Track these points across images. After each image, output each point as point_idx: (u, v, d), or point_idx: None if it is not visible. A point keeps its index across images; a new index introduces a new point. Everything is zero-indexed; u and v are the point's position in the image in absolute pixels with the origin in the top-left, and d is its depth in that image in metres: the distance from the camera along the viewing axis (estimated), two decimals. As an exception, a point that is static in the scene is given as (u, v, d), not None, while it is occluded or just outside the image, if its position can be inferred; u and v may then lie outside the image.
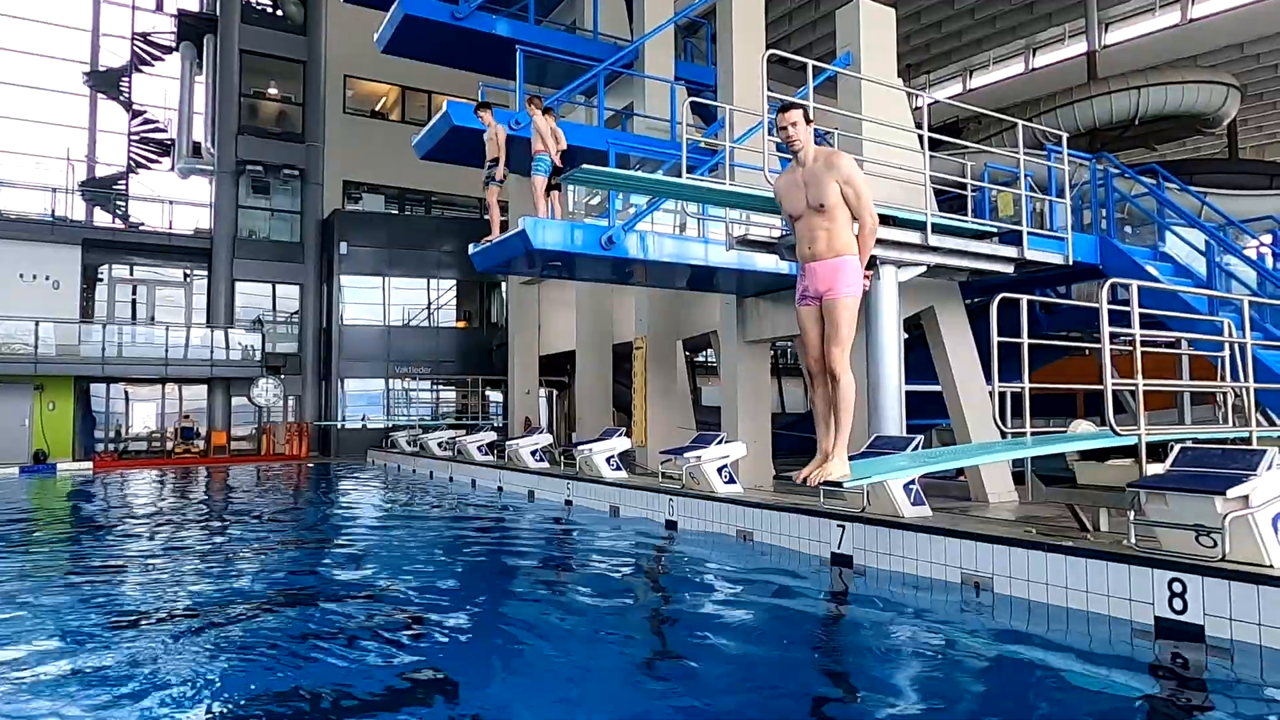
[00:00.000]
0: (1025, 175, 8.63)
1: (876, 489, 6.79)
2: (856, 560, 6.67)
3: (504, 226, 10.37)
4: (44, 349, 21.03)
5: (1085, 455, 6.23)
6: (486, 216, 12.17)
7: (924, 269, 8.28)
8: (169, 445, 23.54)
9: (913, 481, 6.75)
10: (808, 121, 4.56)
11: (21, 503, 13.70)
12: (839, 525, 6.89)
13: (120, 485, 16.35)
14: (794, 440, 14.56)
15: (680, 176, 7.53)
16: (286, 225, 25.81)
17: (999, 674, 4.33)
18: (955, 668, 4.42)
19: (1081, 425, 6.65)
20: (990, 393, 8.15)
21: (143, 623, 5.30)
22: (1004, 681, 4.21)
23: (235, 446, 24.10)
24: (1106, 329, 5.58)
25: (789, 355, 25.59)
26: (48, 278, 22.01)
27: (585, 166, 7.44)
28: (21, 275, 21.66)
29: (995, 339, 5.72)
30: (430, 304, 25.90)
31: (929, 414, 11.77)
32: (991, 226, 8.56)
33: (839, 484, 4.63)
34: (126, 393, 24.34)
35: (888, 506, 6.73)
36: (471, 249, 10.35)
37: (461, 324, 26.38)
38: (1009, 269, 8.74)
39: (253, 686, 4.06)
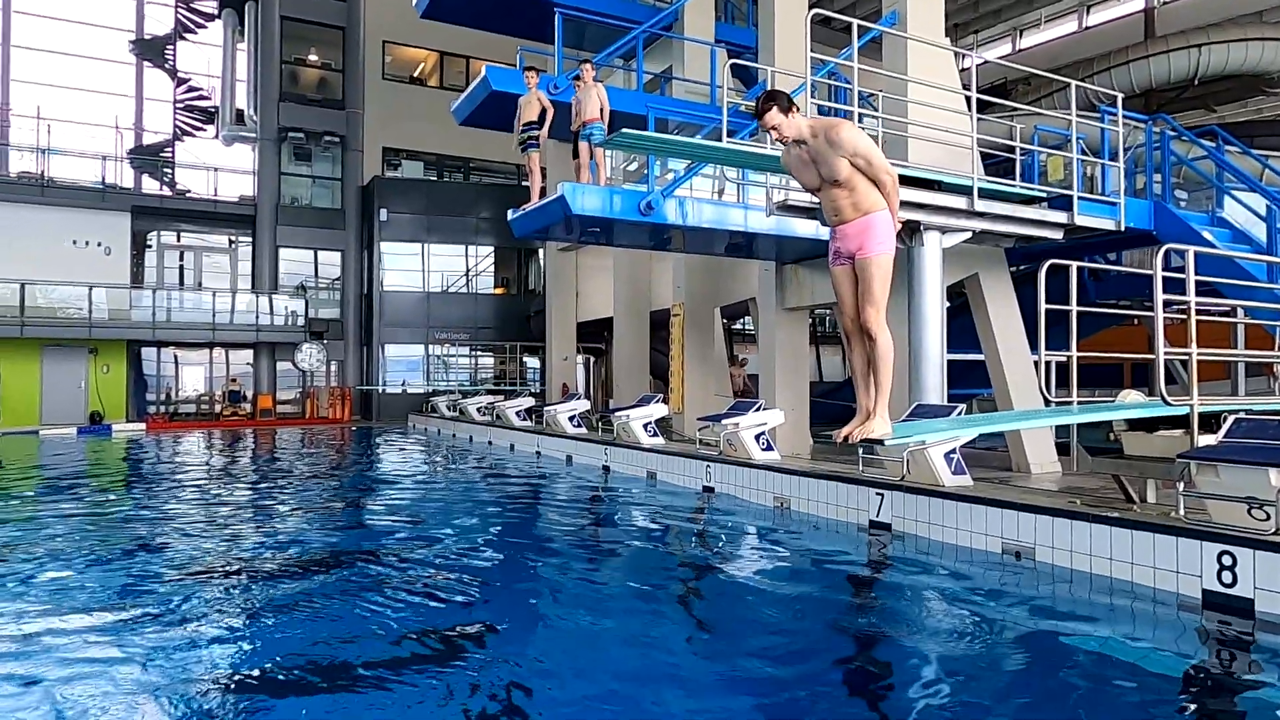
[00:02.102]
0: (1077, 138, 8.36)
1: (916, 457, 6.73)
2: (895, 528, 6.64)
3: (543, 193, 10.38)
4: (97, 314, 21.66)
5: (1133, 426, 6.10)
6: (524, 183, 12.18)
7: (969, 235, 8.10)
8: (217, 408, 24.19)
9: (954, 450, 6.68)
10: (788, 109, 4.26)
11: (82, 461, 14.22)
12: (878, 493, 6.86)
13: (173, 446, 16.87)
14: (832, 408, 14.47)
15: (720, 141, 7.44)
16: (328, 192, 26.09)
17: (1037, 644, 4.30)
18: (993, 637, 4.40)
19: (1131, 395, 6.50)
20: (1035, 362, 8.01)
21: (198, 575, 5.49)
22: (1043, 651, 4.19)
23: (280, 410, 24.68)
24: (1160, 296, 5.43)
25: (827, 323, 25.35)
26: (99, 244, 22.58)
27: (625, 131, 7.38)
28: (75, 242, 22.24)
29: (1043, 306, 5.60)
30: (468, 270, 26.08)
31: (970, 383, 11.61)
32: (1040, 191, 8.33)
33: (880, 442, 4.58)
34: (176, 357, 25.00)
35: (927, 475, 6.68)
36: (510, 214, 10.37)
37: (499, 290, 26.54)
38: (1057, 235, 8.52)
39: (300, 637, 4.20)
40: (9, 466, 13.51)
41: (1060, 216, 8.26)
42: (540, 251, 25.11)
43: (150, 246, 24.93)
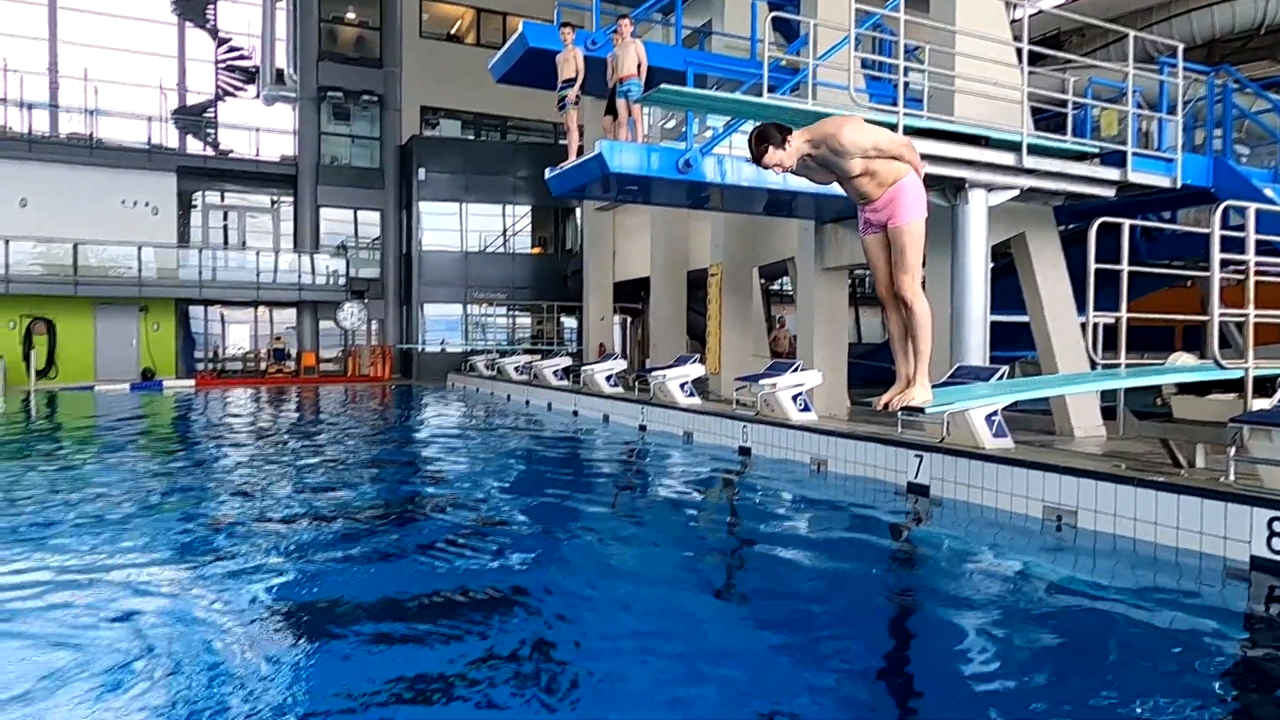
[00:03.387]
0: (1134, 91, 8.05)
1: (957, 419, 6.66)
2: (933, 490, 6.60)
3: (581, 151, 10.30)
4: (146, 273, 22.19)
5: (1183, 389, 5.95)
6: (562, 141, 12.10)
7: (1016, 192, 7.89)
8: (262, 365, 24.75)
9: (995, 413, 6.59)
10: (782, 141, 3.95)
11: (137, 416, 14.69)
12: (916, 455, 6.81)
13: (222, 402, 17.34)
14: (870, 370, 14.32)
15: (760, 96, 7.29)
16: (366, 152, 26.21)
17: (1077, 608, 4.26)
18: (1032, 601, 4.37)
19: (1182, 358, 6.34)
20: (1082, 324, 7.83)
21: (251, 524, 5.68)
22: (1082, 616, 4.15)
23: (323, 368, 25.18)
24: (1217, 256, 5.25)
25: (867, 284, 24.96)
26: (147, 204, 23.03)
27: (664, 86, 7.27)
28: (123, 202, 22.71)
29: (1093, 265, 5.45)
30: (506, 230, 26.13)
31: (1014, 345, 11.39)
32: (1092, 147, 8.06)
33: (921, 409, 4.52)
34: (222, 315, 25.56)
35: (968, 437, 6.60)
36: (548, 173, 10.33)
37: (536, 250, 26.58)
38: (1109, 192, 8.26)
39: (349, 584, 4.33)
40: (71, 420, 14.02)
41: (1113, 173, 7.99)
42: (577, 211, 25.03)
43: (195, 206, 25.36)
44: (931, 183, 7.86)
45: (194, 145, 26.47)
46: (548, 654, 3.43)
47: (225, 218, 26.16)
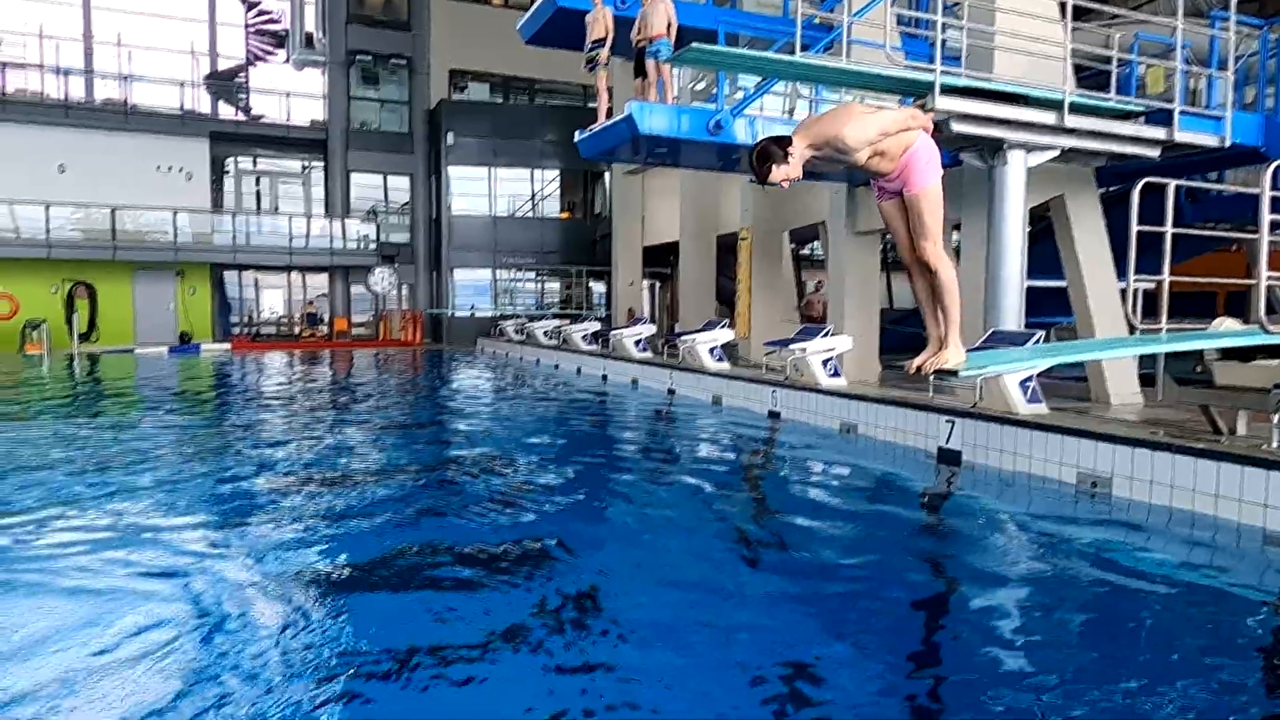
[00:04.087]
0: (1182, 47, 7.76)
1: (990, 385, 6.58)
2: (965, 456, 6.55)
3: (610, 113, 10.19)
4: (182, 238, 22.52)
5: (1226, 355, 5.81)
6: (591, 104, 11.99)
7: (1057, 153, 7.68)
8: (296, 330, 25.09)
9: (1030, 378, 6.49)
10: (784, 156, 3.69)
11: (176, 379, 15.01)
12: (948, 420, 6.75)
13: (257, 365, 17.65)
14: (902, 335, 14.18)
15: (793, 55, 7.15)
16: (396, 116, 26.19)
17: (1112, 575, 4.22)
18: (1064, 567, 4.34)
19: (1226, 322, 6.17)
20: (1123, 289, 7.65)
21: (289, 484, 5.80)
22: (1116, 583, 4.12)
23: (355, 333, 25.47)
24: (1267, 216, 5.08)
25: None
26: (181, 169, 23.27)
27: (694, 45, 7.15)
28: (158, 167, 22.97)
29: (1135, 227, 5.31)
30: (534, 195, 26.06)
31: (1049, 311, 11.18)
32: (1137, 105, 7.81)
33: (954, 373, 4.43)
34: (256, 280, 25.90)
35: (1001, 403, 6.53)
36: (578, 135, 10.25)
37: (565, 215, 26.50)
38: (1154, 153, 8.01)
39: (385, 543, 4.42)
40: (113, 381, 14.36)
41: (1158, 133, 7.74)
42: (606, 175, 24.87)
43: (228, 172, 25.59)
44: (968, 143, 7.68)
45: (226, 111, 26.61)
46: (582, 610, 3.48)
47: (257, 183, 26.38)
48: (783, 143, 3.69)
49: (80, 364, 17.68)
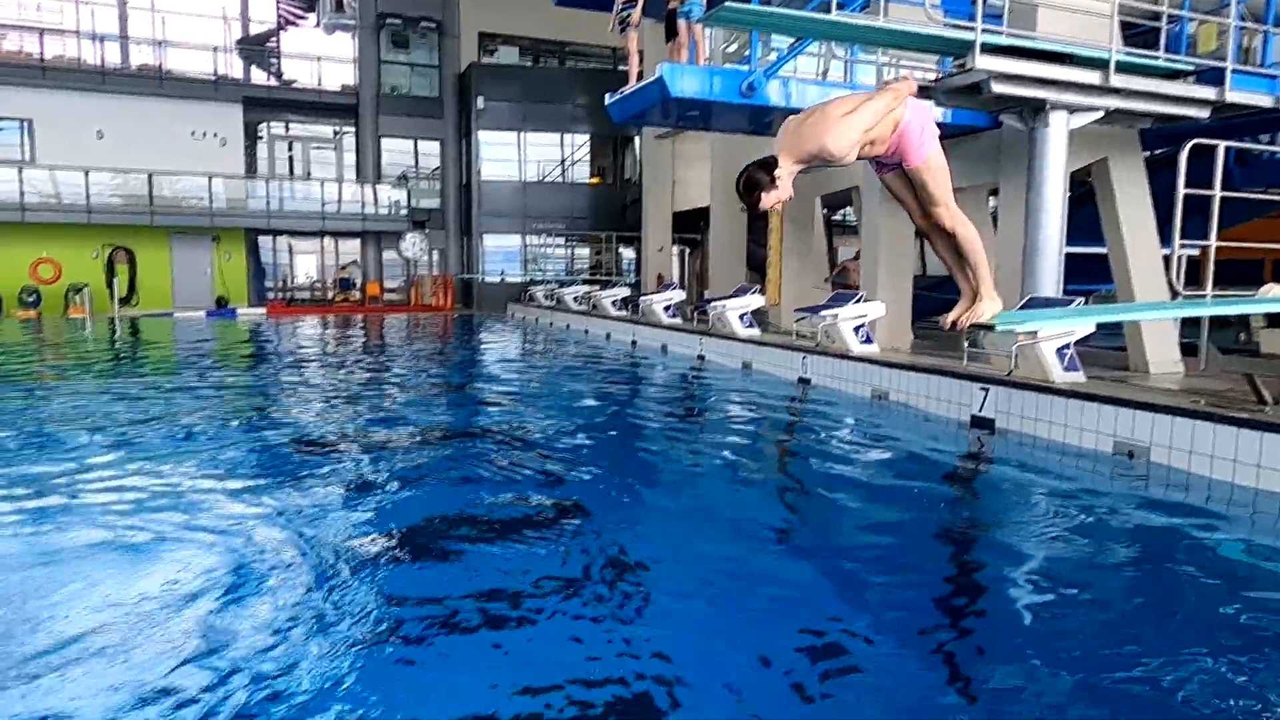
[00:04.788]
0: (1237, 2, 7.45)
1: (1026, 353, 6.48)
2: (999, 424, 6.47)
3: (641, 76, 10.07)
4: (217, 203, 22.78)
5: (1273, 323, 5.65)
6: (622, 67, 11.85)
7: (1101, 114, 7.45)
8: (329, 295, 25.37)
9: (1067, 346, 6.38)
10: (772, 179, 3.47)
11: (214, 342, 15.29)
12: (981, 388, 6.66)
13: (292, 329, 17.90)
14: (935, 302, 13.98)
15: (829, 14, 6.98)
16: (426, 81, 26.12)
17: (1148, 545, 4.18)
18: (1100, 537, 4.29)
19: (1274, 289, 6.00)
20: (1166, 256, 7.47)
21: (324, 447, 5.91)
22: (1152, 553, 4.07)
23: (387, 298, 25.71)
24: (1321, 180, 4.90)
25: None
26: (215, 134, 23.47)
27: (727, 5, 7.01)
28: (193, 133, 23.18)
29: (1182, 190, 5.15)
30: (564, 160, 25.93)
31: (1088, 278, 10.94)
32: (1187, 64, 7.53)
33: (990, 326, 4.29)
34: (290, 245, 26.19)
35: (1037, 370, 6.43)
36: (608, 99, 10.15)
37: (595, 180, 26.36)
38: (1203, 113, 7.73)
39: (417, 504, 4.50)
40: (155, 344, 14.67)
41: (1208, 92, 7.47)
42: (636, 140, 24.65)
43: (261, 138, 25.76)
44: (1009, 105, 7.48)
45: (258, 76, 26.71)
46: (612, 570, 3.52)
47: (290, 149, 26.53)
48: (768, 166, 3.50)
49: (121, 327, 18.07)
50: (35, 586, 3.23)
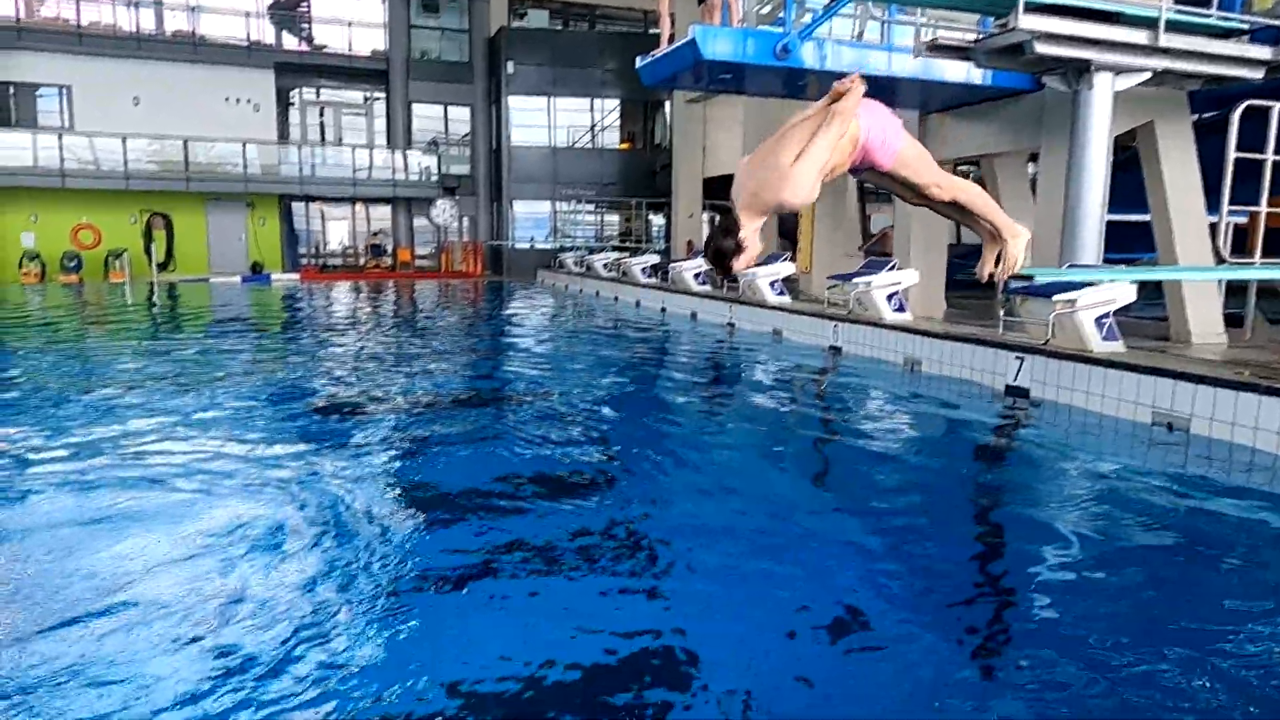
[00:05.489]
0: (1297, -45, 7.14)
1: (1064, 321, 6.36)
2: (1034, 393, 6.39)
3: (672, 39, 9.91)
4: (251, 169, 22.95)
5: (1323, 292, 5.50)
6: (653, 30, 11.66)
7: (1148, 75, 7.22)
8: (361, 261, 25.57)
9: (1107, 315, 6.26)
10: (738, 244, 3.28)
11: (251, 307, 15.52)
12: (1017, 357, 6.57)
13: (326, 295, 18.10)
14: (970, 271, 13.76)
15: (868, -28, 6.80)
16: (455, 45, 25.96)
17: (1185, 516, 4.12)
18: (1135, 508, 4.24)
19: (1325, 257, 5.83)
20: (1213, 224, 7.26)
21: (357, 410, 6.00)
22: (1190, 524, 4.01)
23: (418, 264, 25.84)
24: (1380, 143, 4.71)
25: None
26: (248, 100, 23.59)
27: (762, -36, 6.85)
28: (226, 99, 23.32)
29: (1232, 154, 4.99)
30: (594, 125, 25.72)
31: (1129, 247, 10.69)
32: (1241, 22, 7.24)
33: (1030, 277, 4.12)
34: (322, 212, 26.37)
35: (1075, 339, 6.32)
36: (639, 61, 10.02)
37: (625, 146, 26.14)
38: (1256, 74, 7.44)
39: (448, 465, 4.56)
40: (193, 309, 14.93)
41: (1263, 52, 7.19)
42: (667, 105, 24.36)
43: (293, 104, 25.84)
44: (1052, 65, 7.27)
45: (289, 41, 26.71)
46: (637, 533, 3.56)
47: (321, 114, 26.60)
48: (731, 231, 3.32)
49: (160, 292, 18.40)
50: (82, 542, 3.34)
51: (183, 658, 2.43)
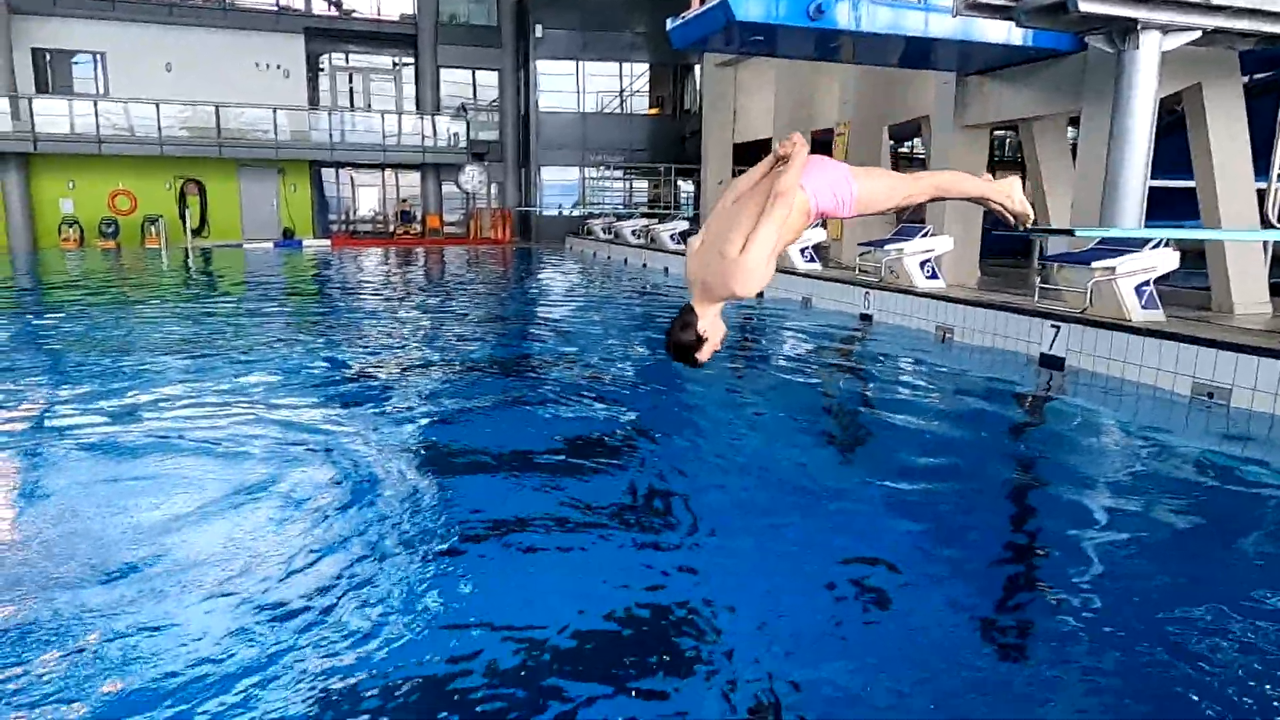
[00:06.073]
0: (1361, -94, 6.79)
1: (1102, 289, 6.24)
2: (1069, 363, 6.29)
3: (703, 0, 9.74)
4: (281, 135, 23.05)
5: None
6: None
7: (1198, 34, 6.96)
8: (391, 227, 25.70)
9: (1147, 283, 6.13)
10: (698, 338, 2.86)
11: (285, 272, 15.70)
12: (1053, 325, 6.46)
13: (356, 260, 18.25)
14: (1004, 240, 13.50)
15: (907, -72, 6.61)
16: (483, 8, 25.74)
17: (1224, 488, 4.05)
18: (1172, 479, 4.18)
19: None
20: (1261, 190, 7.04)
21: (389, 372, 6.07)
22: (1229, 496, 3.95)
23: (447, 230, 25.92)
24: None
25: (1006, 146, 23.18)
26: (278, 66, 23.64)
27: (797, -79, 6.68)
28: (256, 64, 23.39)
29: (1285, 117, 4.81)
30: (623, 90, 25.47)
31: (1171, 215, 10.41)
32: (1300, -22, 6.94)
33: (1070, 232, 3.98)
34: (352, 178, 26.48)
35: (1113, 308, 6.19)
36: (669, 23, 9.87)
37: (654, 111, 25.87)
38: (1315, 33, 7.16)
39: (481, 428, 4.61)
40: (228, 274, 15.14)
41: (1322, 9, 6.89)
42: (696, 69, 24.03)
43: (323, 69, 25.85)
44: (1096, 24, 7.04)
45: (318, 7, 26.65)
46: (666, 493, 3.58)
47: (350, 80, 26.60)
48: (689, 325, 3.19)
49: (195, 257, 18.66)
50: (125, 499, 3.43)
51: (224, 606, 2.51)
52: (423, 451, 4.20)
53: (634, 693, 2.17)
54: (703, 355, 3.29)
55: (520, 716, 2.05)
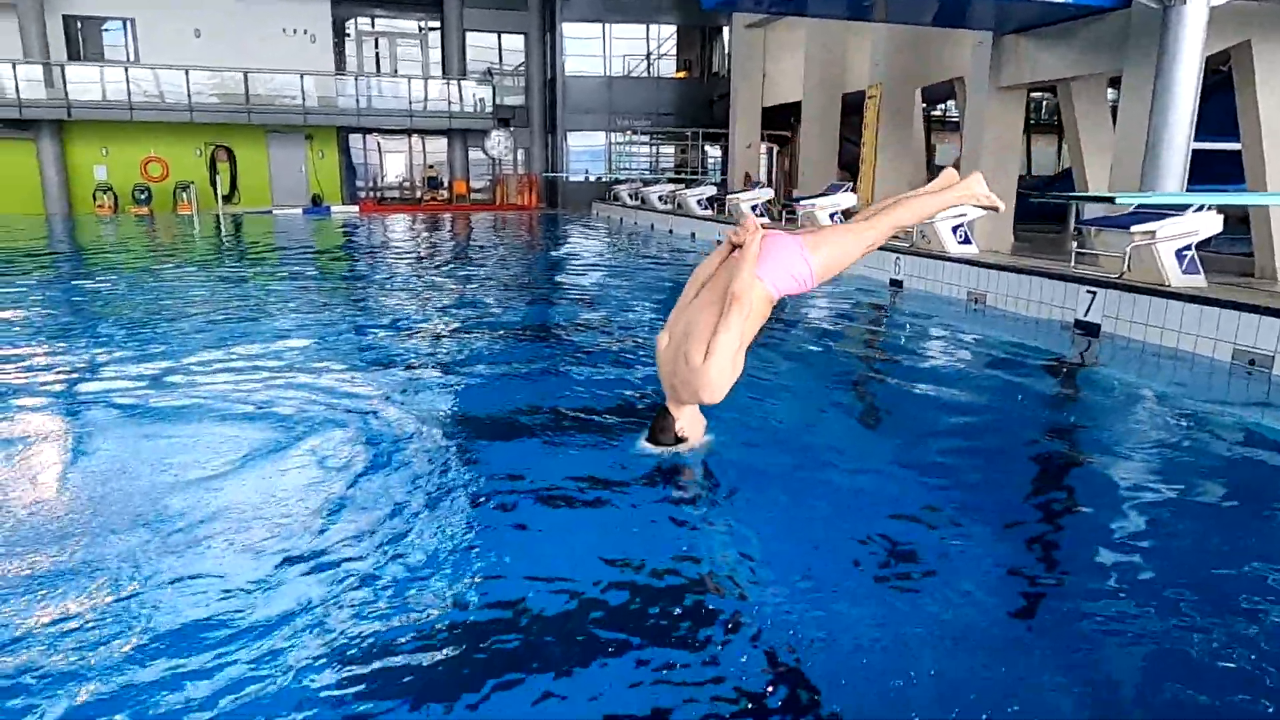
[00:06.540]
0: None
1: (1142, 253, 6.12)
2: (1105, 329, 6.20)
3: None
4: (309, 101, 23.09)
5: None
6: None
7: (1249, -10, 6.74)
8: (418, 193, 25.76)
9: (1188, 247, 6.00)
10: (673, 430, 3.34)
11: (314, 238, 15.83)
12: (1089, 291, 6.36)
13: (384, 226, 18.34)
14: (1039, 206, 13.26)
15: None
16: (509, -31, 25.48)
17: (1264, 458, 3.99)
18: (1211, 448, 4.12)
19: None
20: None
21: (418, 337, 6.14)
22: (1270, 467, 3.89)
23: (474, 196, 25.93)
24: None
25: (1043, 108, 22.64)
26: (305, 31, 23.60)
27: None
28: (284, 30, 23.37)
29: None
30: (650, 53, 25.14)
31: (1214, 179, 10.15)
32: (1359, -72, 6.68)
33: (1111, 199, 3.94)
34: (379, 144, 26.51)
35: (1152, 273, 6.08)
36: (699, -16, 9.71)
37: (681, 74, 25.54)
38: (1372, -13, 6.90)
39: (510, 394, 4.65)
40: (259, 240, 15.31)
41: (1381, -39, 6.64)
42: (725, 31, 23.63)
43: (349, 35, 25.78)
44: (1142, -20, 6.83)
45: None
46: (696, 462, 3.59)
47: (376, 45, 26.51)
48: (667, 428, 3.29)
49: (225, 223, 18.85)
50: (171, 458, 3.52)
51: (270, 557, 2.58)
52: (457, 413, 4.26)
53: (670, 642, 2.21)
54: (686, 448, 3.40)
55: (560, 662, 2.10)
